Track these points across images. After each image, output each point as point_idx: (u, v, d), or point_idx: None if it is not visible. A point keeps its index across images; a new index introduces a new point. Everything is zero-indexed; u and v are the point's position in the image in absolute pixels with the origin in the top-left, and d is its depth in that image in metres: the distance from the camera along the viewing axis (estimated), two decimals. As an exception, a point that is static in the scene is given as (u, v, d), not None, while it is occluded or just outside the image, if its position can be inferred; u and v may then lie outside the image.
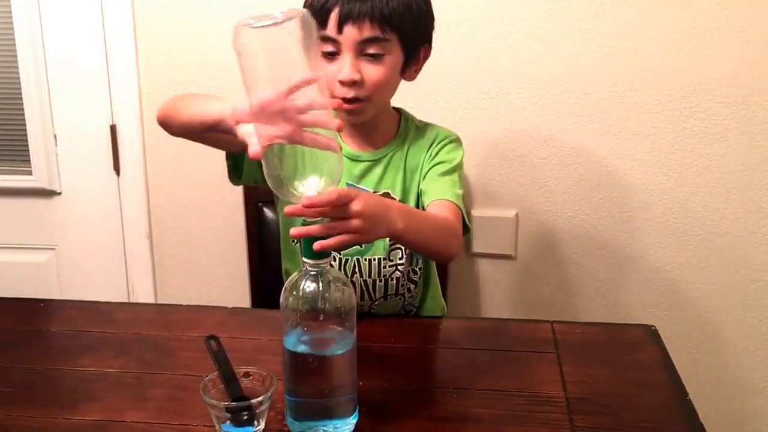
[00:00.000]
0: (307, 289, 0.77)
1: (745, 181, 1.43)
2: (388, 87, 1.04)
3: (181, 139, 1.57)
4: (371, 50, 0.98)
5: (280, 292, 0.79)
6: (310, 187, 0.76)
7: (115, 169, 1.61)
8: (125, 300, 1.67)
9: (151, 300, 1.67)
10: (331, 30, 0.73)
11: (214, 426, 0.80)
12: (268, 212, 1.40)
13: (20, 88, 1.57)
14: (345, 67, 0.96)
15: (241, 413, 0.78)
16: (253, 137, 0.76)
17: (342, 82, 0.97)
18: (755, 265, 1.48)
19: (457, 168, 1.10)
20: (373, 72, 0.99)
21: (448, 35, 1.43)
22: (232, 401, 0.80)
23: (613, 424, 0.85)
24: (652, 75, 1.40)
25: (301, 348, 0.79)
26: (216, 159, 1.59)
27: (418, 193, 1.10)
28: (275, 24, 0.70)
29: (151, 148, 1.60)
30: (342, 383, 0.80)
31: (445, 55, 1.44)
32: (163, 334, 1.07)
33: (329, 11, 0.70)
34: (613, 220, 1.50)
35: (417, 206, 1.09)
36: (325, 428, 0.80)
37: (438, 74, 1.44)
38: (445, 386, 0.94)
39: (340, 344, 0.79)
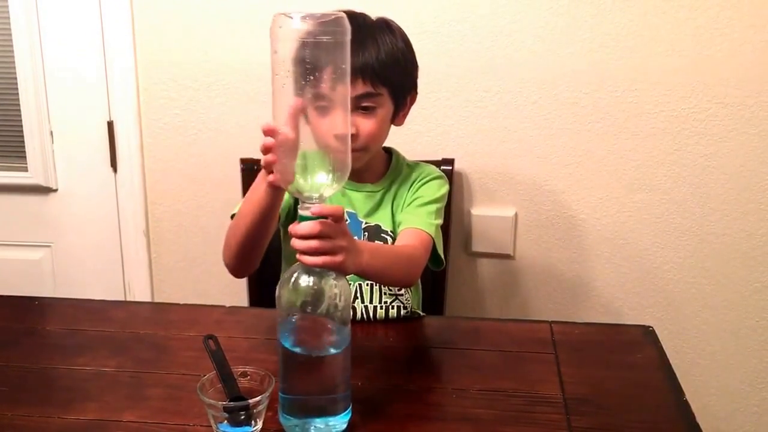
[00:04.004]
0: (302, 284, 0.77)
1: (743, 182, 1.43)
2: (380, 136, 1.09)
3: (178, 136, 1.58)
4: (364, 104, 1.04)
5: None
6: (318, 183, 0.77)
7: (112, 166, 1.61)
8: (121, 298, 1.66)
9: (147, 298, 1.67)
10: (324, 88, 0.75)
11: (211, 426, 0.79)
12: (265, 210, 1.40)
13: (17, 84, 1.57)
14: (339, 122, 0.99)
15: (239, 413, 0.78)
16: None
17: (337, 137, 1.00)
18: (753, 267, 1.48)
19: (437, 201, 1.13)
20: (366, 125, 1.04)
21: (449, 33, 1.43)
22: (229, 401, 0.80)
23: (611, 424, 0.85)
24: (651, 75, 1.40)
25: (295, 344, 0.79)
26: (214, 157, 1.59)
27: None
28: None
29: (149, 145, 1.59)
30: (336, 380, 0.80)
31: (446, 53, 1.44)
32: (160, 332, 1.07)
33: (322, 69, 0.72)
34: (612, 220, 1.50)
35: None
36: (317, 425, 0.80)
37: (438, 72, 1.44)
38: (442, 386, 0.94)
39: (335, 340, 0.79)
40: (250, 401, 0.77)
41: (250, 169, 1.44)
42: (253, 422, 0.79)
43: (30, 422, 0.84)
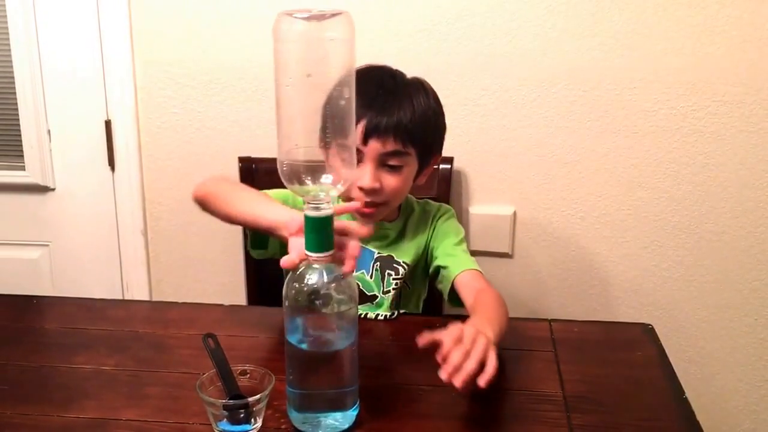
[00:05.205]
0: (310, 282, 0.77)
1: (742, 180, 1.44)
2: (402, 193, 1.12)
3: (176, 135, 1.58)
4: (392, 162, 1.06)
5: (276, 290, 0.79)
6: (325, 183, 0.76)
7: (109, 165, 1.60)
8: (119, 297, 1.66)
9: (145, 297, 1.66)
10: (346, 138, 0.76)
11: (210, 424, 0.79)
12: (264, 209, 1.39)
13: (14, 83, 1.56)
14: (366, 175, 1.04)
15: (238, 411, 0.78)
16: (295, 250, 0.79)
17: (362, 189, 1.05)
18: (752, 265, 1.48)
19: (464, 240, 1.17)
20: (391, 181, 1.07)
21: (448, 31, 1.43)
22: (229, 399, 0.80)
23: (610, 422, 0.85)
24: (650, 73, 1.40)
25: (303, 340, 0.79)
26: (212, 155, 1.59)
27: (426, 261, 1.17)
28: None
29: (147, 144, 1.59)
30: (343, 375, 0.80)
31: (444, 51, 1.44)
32: (159, 331, 1.07)
33: (357, 122, 0.73)
34: (611, 219, 1.50)
35: (428, 272, 1.17)
36: (325, 419, 0.80)
37: (437, 70, 1.44)
38: (442, 385, 0.93)
39: (342, 336, 0.79)
40: (250, 399, 0.77)
41: (247, 168, 1.44)
42: (252, 420, 0.79)
43: (29, 421, 0.84)
